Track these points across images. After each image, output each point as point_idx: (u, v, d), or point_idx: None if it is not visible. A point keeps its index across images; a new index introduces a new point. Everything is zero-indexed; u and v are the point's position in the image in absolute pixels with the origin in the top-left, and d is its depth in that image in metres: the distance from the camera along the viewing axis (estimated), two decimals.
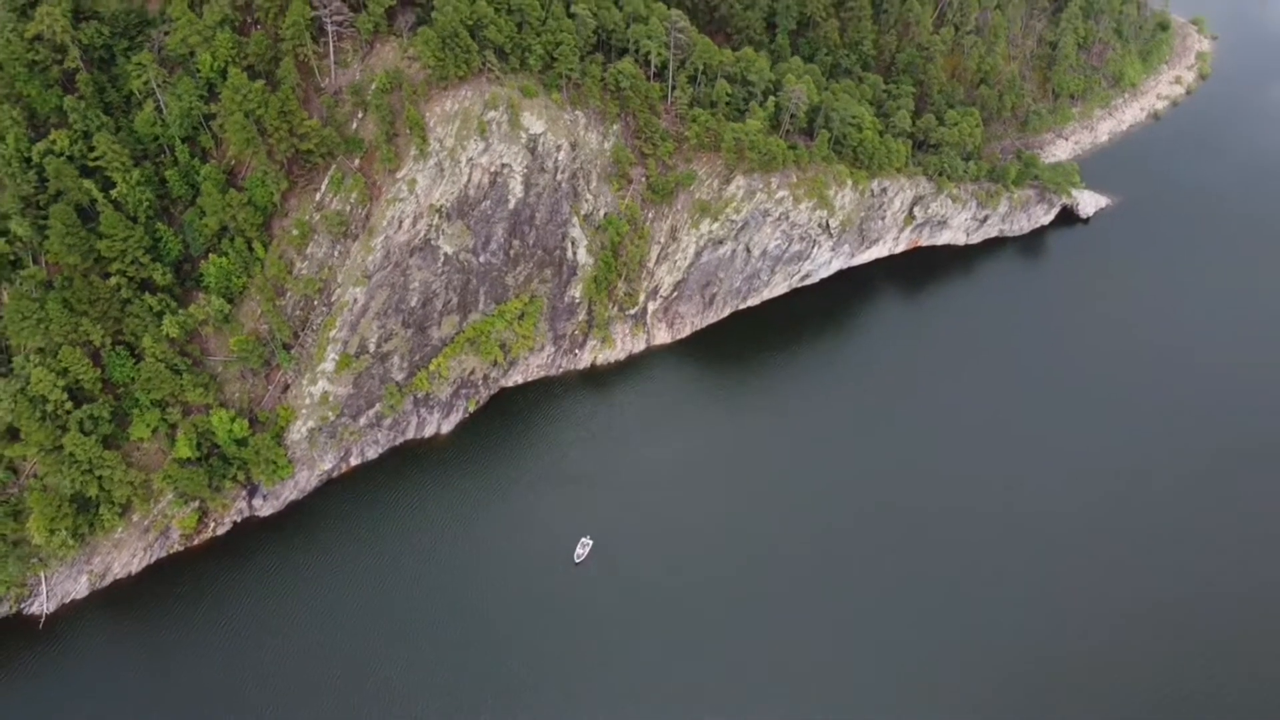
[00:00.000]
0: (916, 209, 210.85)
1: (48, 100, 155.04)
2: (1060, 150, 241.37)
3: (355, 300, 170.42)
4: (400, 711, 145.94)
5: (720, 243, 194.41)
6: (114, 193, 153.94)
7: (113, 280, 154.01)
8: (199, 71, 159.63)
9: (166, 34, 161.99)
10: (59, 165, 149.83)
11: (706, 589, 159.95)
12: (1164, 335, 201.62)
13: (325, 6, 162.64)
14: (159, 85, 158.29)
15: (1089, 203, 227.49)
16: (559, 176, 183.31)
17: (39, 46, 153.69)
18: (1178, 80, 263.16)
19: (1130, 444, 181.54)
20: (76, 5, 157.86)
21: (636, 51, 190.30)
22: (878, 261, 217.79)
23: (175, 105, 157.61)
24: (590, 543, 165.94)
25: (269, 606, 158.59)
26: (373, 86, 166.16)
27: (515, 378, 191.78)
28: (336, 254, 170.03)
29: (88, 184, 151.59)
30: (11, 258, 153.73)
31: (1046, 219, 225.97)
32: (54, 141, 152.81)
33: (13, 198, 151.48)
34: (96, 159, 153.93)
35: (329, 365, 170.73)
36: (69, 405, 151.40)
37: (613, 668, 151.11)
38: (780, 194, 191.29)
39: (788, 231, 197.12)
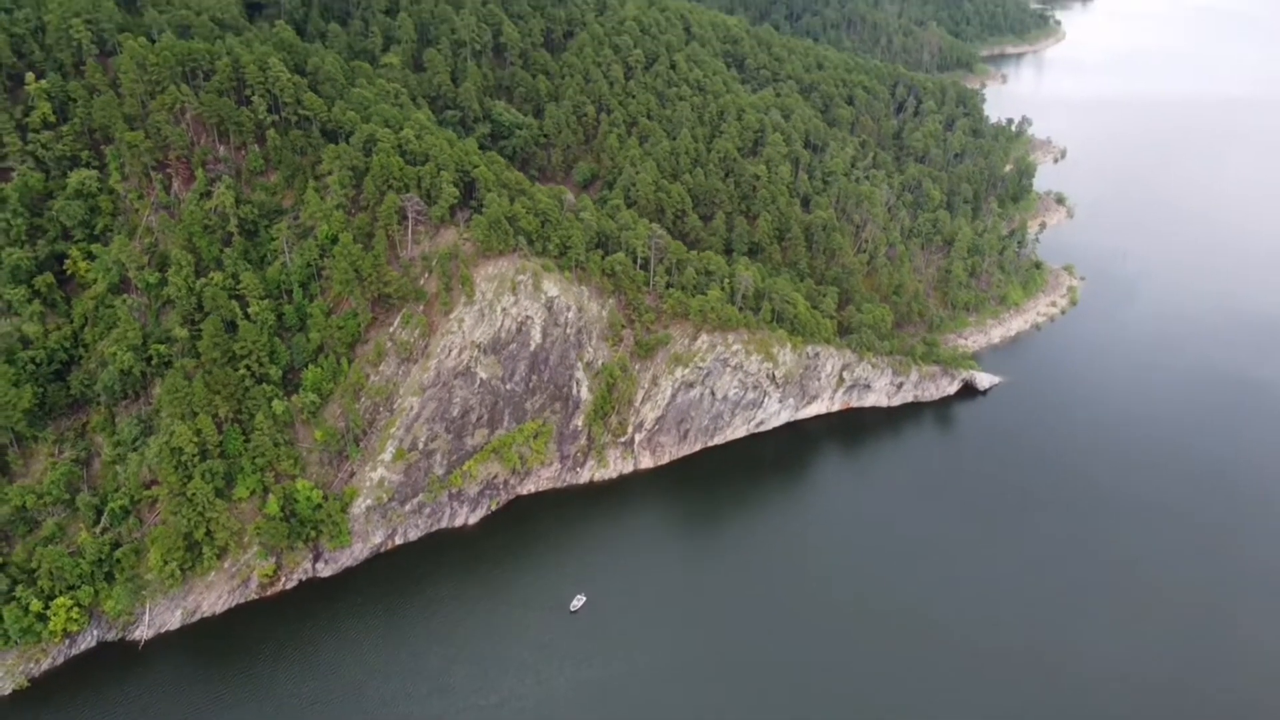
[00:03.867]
0: (845, 373, 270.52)
1: (211, 251, 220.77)
2: (961, 345, 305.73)
3: (412, 408, 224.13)
4: None
5: (691, 386, 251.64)
6: (249, 311, 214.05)
7: (240, 372, 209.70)
8: (318, 238, 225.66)
9: (296, 217, 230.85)
10: (215, 291, 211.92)
11: (670, 633, 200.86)
12: (1048, 477, 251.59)
13: (409, 202, 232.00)
14: (288, 246, 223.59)
15: (985, 380, 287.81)
16: (568, 331, 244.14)
17: (211, 215, 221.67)
18: (1054, 304, 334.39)
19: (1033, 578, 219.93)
20: (237, 194, 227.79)
21: (627, 248, 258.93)
22: (819, 417, 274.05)
23: (299, 259, 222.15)
24: (584, 598, 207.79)
25: (324, 656, 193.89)
26: (437, 255, 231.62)
27: (529, 486, 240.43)
28: (401, 372, 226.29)
29: (233, 304, 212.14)
30: (167, 359, 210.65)
31: (952, 389, 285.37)
32: (212, 279, 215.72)
33: (178, 314, 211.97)
34: (239, 289, 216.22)
35: (388, 455, 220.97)
36: (196, 459, 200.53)
37: (595, 685, 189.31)
38: (735, 347, 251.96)
39: (743, 380, 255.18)
